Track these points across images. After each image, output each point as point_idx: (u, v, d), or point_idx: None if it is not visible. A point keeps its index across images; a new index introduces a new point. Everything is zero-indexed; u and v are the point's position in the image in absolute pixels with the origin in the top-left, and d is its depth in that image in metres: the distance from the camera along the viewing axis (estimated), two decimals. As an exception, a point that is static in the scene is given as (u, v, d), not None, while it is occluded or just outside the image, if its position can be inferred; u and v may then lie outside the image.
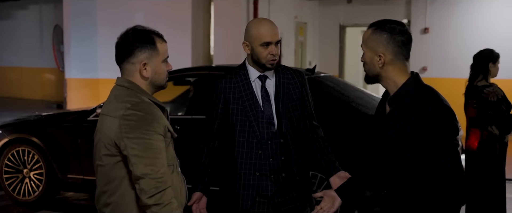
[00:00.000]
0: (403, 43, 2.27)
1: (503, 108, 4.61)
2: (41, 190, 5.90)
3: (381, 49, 2.26)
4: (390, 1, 11.66)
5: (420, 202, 2.24)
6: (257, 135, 2.90)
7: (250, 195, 2.94)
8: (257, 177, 2.93)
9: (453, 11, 11.02)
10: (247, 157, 2.92)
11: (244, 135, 2.91)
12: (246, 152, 2.92)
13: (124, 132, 2.14)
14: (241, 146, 2.93)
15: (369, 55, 2.30)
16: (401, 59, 2.28)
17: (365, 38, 2.33)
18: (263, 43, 2.85)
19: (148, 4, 9.76)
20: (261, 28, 2.86)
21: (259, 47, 2.86)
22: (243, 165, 2.93)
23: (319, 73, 5.83)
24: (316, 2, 12.27)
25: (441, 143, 2.17)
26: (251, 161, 2.92)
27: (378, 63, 2.27)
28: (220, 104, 2.96)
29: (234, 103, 2.93)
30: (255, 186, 2.93)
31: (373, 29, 2.29)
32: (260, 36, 2.85)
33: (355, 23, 12.41)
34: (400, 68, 2.29)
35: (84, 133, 5.69)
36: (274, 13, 10.24)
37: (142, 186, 2.11)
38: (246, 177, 2.93)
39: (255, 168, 2.92)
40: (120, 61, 2.30)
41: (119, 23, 10.01)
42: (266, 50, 2.86)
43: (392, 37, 2.25)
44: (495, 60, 4.71)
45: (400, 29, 2.27)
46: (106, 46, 10.09)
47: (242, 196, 2.95)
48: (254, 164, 2.92)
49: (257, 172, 2.92)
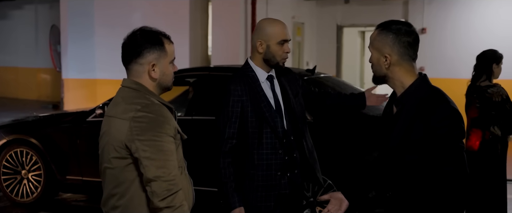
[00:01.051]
0: (409, 44, 2.26)
1: (507, 108, 4.61)
2: (39, 191, 5.87)
3: (387, 50, 2.26)
4: (388, 2, 11.67)
5: (424, 204, 2.24)
6: (276, 135, 2.94)
7: (272, 196, 2.97)
8: (278, 177, 2.96)
9: (450, 11, 11.05)
10: (267, 159, 2.94)
11: (262, 136, 2.93)
12: (266, 153, 2.94)
13: (136, 134, 2.12)
14: (261, 148, 2.93)
15: (376, 56, 2.29)
16: (408, 59, 2.27)
17: (371, 39, 2.32)
18: (281, 41, 2.95)
19: (146, 4, 9.74)
20: (277, 26, 2.97)
21: (276, 45, 2.94)
22: (265, 166, 2.94)
23: (319, 73, 5.82)
24: (314, 2, 12.26)
25: (447, 145, 2.16)
26: (273, 161, 2.95)
27: (384, 64, 2.27)
28: (237, 108, 2.92)
29: (249, 105, 2.93)
30: (277, 186, 2.96)
31: (379, 30, 2.29)
32: (278, 34, 2.95)
33: (352, 23, 12.42)
34: (406, 69, 2.28)
35: (83, 134, 5.66)
36: (272, 13, 10.22)
37: (153, 189, 2.09)
38: (268, 178, 2.95)
39: (277, 168, 2.96)
40: (128, 62, 2.28)
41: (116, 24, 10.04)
42: (281, 48, 2.96)
43: (398, 38, 2.25)
44: (499, 61, 4.71)
45: (406, 30, 2.26)
46: (103, 46, 10.06)
47: (266, 198, 2.96)
48: (275, 164, 2.95)
49: (279, 172, 2.97)
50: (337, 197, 2.48)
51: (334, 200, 2.48)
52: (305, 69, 5.71)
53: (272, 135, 2.93)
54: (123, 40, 2.30)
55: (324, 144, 4.90)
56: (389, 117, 2.37)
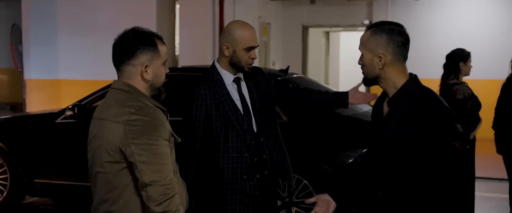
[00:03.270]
0: (403, 44, 2.27)
1: (468, 107, 4.77)
2: (5, 195, 5.69)
3: (381, 50, 2.26)
4: (353, 2, 11.80)
5: (417, 203, 2.25)
6: (242, 138, 2.91)
7: (238, 199, 2.94)
8: (244, 180, 2.94)
9: (412, 11, 11.24)
10: (233, 162, 2.91)
11: (229, 140, 2.90)
12: (232, 157, 2.91)
13: (131, 138, 2.07)
14: (227, 151, 2.91)
15: (369, 57, 2.29)
16: (401, 60, 2.29)
17: (363, 40, 2.31)
18: (247, 48, 2.89)
19: (111, 3, 9.55)
20: (246, 32, 2.90)
21: (242, 51, 2.89)
22: (231, 170, 2.92)
23: (291, 74, 5.84)
24: (280, 3, 12.30)
25: (440, 145, 2.18)
26: (238, 165, 2.92)
27: (378, 65, 2.27)
28: (201, 112, 2.90)
29: (214, 109, 2.90)
30: (243, 189, 2.94)
31: (372, 31, 2.29)
32: (245, 40, 2.89)
33: (318, 23, 12.50)
34: (399, 69, 2.29)
35: (53, 136, 5.52)
36: (239, 13, 10.21)
37: (150, 194, 2.04)
38: (234, 181, 2.93)
39: (242, 171, 2.93)
40: (119, 63, 2.22)
41: (81, 23, 9.83)
42: (247, 54, 2.90)
43: (392, 38, 2.26)
44: (466, 59, 4.86)
45: (398, 30, 2.28)
46: (68, 46, 9.84)
47: (231, 201, 2.93)
48: (241, 168, 2.92)
49: (245, 175, 2.94)
50: (324, 199, 2.48)
51: (321, 202, 2.48)
52: (278, 70, 5.73)
53: (237, 138, 2.90)
54: (114, 41, 2.24)
55: (299, 144, 4.91)
56: (380, 117, 2.38)
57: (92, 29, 9.43)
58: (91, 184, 2.28)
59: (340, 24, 12.40)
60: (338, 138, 4.95)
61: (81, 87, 9.46)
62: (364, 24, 11.91)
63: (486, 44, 10.49)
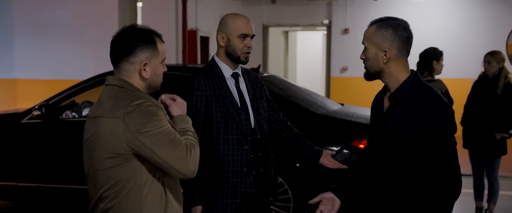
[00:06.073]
0: (407, 39, 2.31)
1: None
2: (-33, 199, 5.47)
3: (386, 45, 2.29)
4: (313, 2, 11.91)
5: (414, 197, 2.29)
6: (242, 130, 2.91)
7: (239, 192, 2.92)
8: (244, 174, 2.93)
9: (370, 11, 11.42)
10: (233, 155, 2.90)
11: (228, 132, 2.90)
12: (232, 149, 2.90)
13: (135, 130, 2.03)
14: (227, 143, 2.90)
15: (373, 51, 2.32)
16: (404, 55, 2.32)
17: (368, 35, 2.34)
18: (241, 35, 2.92)
19: (71, 1, 9.27)
20: (238, 20, 2.95)
21: (236, 38, 2.92)
22: (231, 162, 2.90)
23: (262, 73, 5.87)
24: (240, 2, 12.30)
25: (442, 140, 2.22)
26: (238, 157, 2.91)
27: (383, 59, 2.30)
28: (202, 103, 2.90)
29: (214, 100, 2.91)
30: (243, 183, 2.93)
31: (378, 26, 2.32)
32: (239, 28, 2.93)
33: (278, 23, 12.57)
34: (402, 64, 2.33)
35: (19, 137, 5.34)
36: (201, 12, 10.16)
37: (177, 166, 2.07)
38: (234, 174, 2.91)
39: (243, 164, 2.92)
40: (118, 61, 2.17)
41: (38, 22, 9.49)
42: (242, 42, 2.93)
43: (397, 32, 2.29)
44: (439, 57, 4.98)
45: (403, 26, 2.31)
46: (24, 45, 9.52)
47: (232, 195, 2.91)
48: (241, 161, 2.92)
49: (245, 168, 2.93)
50: (328, 197, 2.49)
51: (325, 200, 2.48)
52: (250, 68, 5.72)
53: (237, 130, 2.91)
54: (113, 38, 2.19)
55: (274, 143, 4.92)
56: (380, 112, 2.40)
57: (51, 27, 9.15)
58: (88, 184, 2.23)
59: (300, 24, 12.50)
60: (311, 136, 4.98)
61: (39, 86, 9.17)
62: (324, 23, 12.05)
63: (448, 43, 10.79)
